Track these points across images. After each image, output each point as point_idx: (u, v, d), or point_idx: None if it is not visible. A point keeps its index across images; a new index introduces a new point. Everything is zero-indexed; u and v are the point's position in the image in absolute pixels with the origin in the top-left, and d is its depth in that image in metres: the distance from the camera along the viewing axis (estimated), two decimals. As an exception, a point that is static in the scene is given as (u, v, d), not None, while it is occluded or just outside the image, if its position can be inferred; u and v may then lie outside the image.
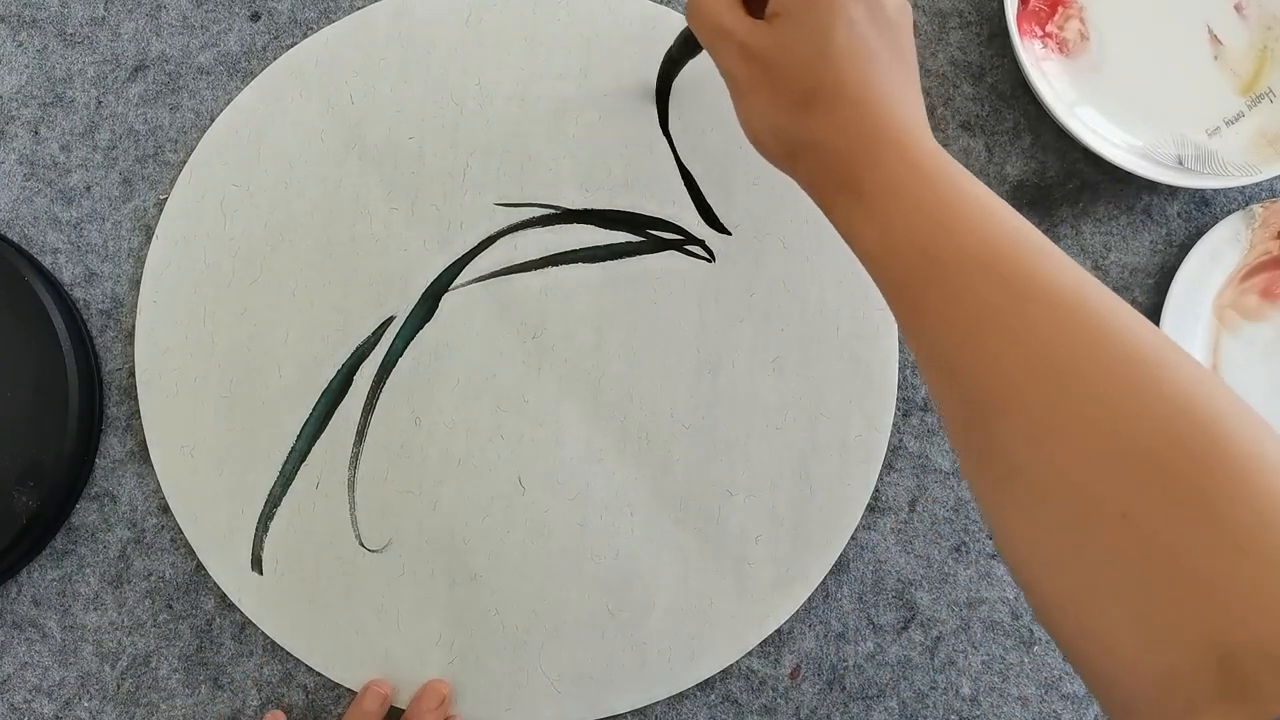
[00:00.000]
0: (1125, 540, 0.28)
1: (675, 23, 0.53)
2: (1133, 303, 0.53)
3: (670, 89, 0.52)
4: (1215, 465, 0.28)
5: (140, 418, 0.51)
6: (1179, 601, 0.27)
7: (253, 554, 0.50)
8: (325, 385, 0.51)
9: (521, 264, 0.52)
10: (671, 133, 0.52)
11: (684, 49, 0.47)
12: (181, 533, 0.51)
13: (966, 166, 0.42)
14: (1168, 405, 0.29)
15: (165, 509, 0.51)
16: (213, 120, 0.53)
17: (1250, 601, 0.26)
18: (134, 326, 0.51)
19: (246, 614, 0.50)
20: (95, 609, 0.51)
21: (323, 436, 0.51)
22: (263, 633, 0.51)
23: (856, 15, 0.37)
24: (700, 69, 0.53)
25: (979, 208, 0.35)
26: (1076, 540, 0.30)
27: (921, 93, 0.39)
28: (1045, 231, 0.53)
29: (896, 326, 0.52)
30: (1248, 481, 0.27)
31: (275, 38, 0.53)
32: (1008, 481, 0.32)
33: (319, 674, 0.51)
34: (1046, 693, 0.52)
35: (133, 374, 0.51)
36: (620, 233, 0.52)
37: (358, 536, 0.51)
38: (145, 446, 0.51)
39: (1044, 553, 0.31)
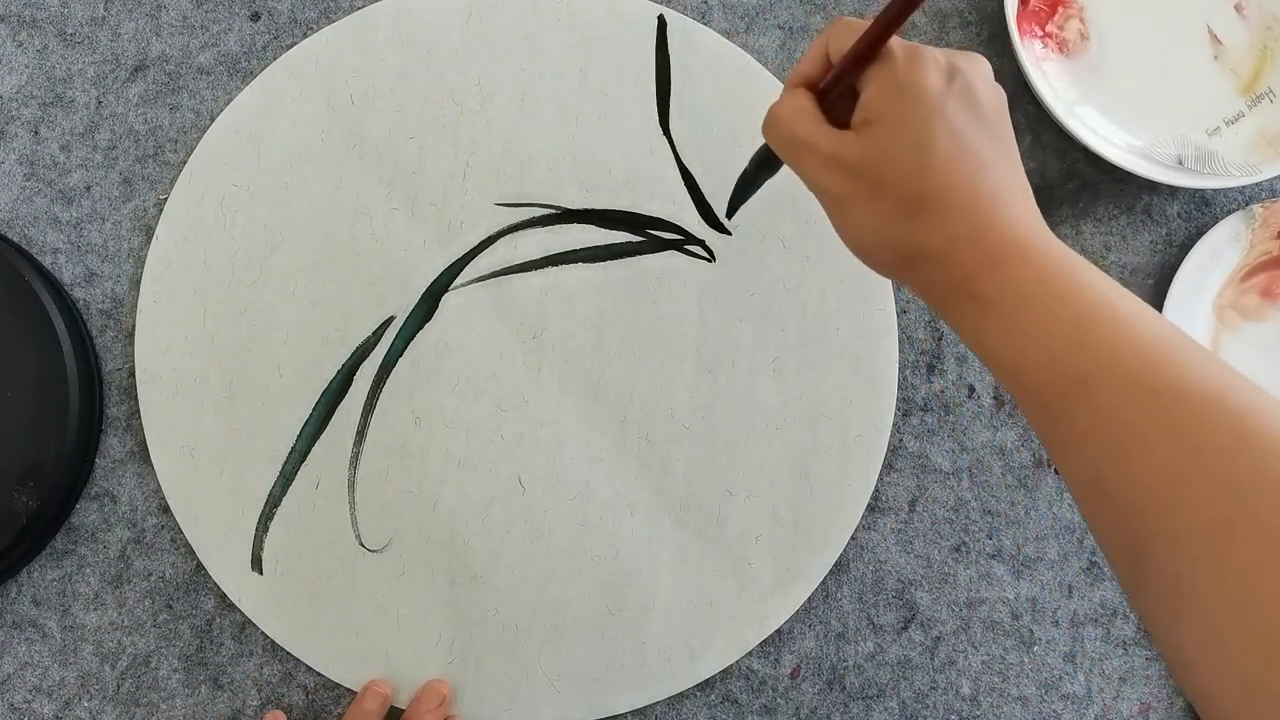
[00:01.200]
0: None
1: (676, 23, 0.53)
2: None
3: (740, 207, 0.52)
4: None
5: (140, 418, 0.51)
6: None
7: (253, 554, 0.50)
8: (325, 385, 0.51)
9: (522, 264, 0.52)
10: (672, 133, 0.52)
11: (761, 167, 0.45)
12: (181, 533, 0.51)
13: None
14: None
15: (165, 509, 0.51)
16: (213, 120, 0.53)
17: None
18: (134, 326, 0.51)
19: (246, 614, 0.50)
20: (95, 609, 0.51)
21: (323, 436, 0.51)
22: (263, 633, 0.51)
23: (954, 116, 0.35)
24: (704, 67, 0.53)
25: (1112, 313, 0.33)
26: (1258, 670, 0.28)
27: (1026, 179, 0.37)
28: (1045, 231, 0.53)
29: (896, 327, 0.52)
30: None
31: (275, 38, 0.53)
32: (1176, 607, 0.30)
33: (319, 674, 0.51)
34: (1046, 693, 0.52)
35: (133, 374, 0.51)
36: (620, 233, 0.52)
37: (358, 536, 0.51)
38: (145, 446, 0.51)
39: (1222, 680, 0.29)
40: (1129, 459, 0.31)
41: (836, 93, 0.38)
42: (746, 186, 0.47)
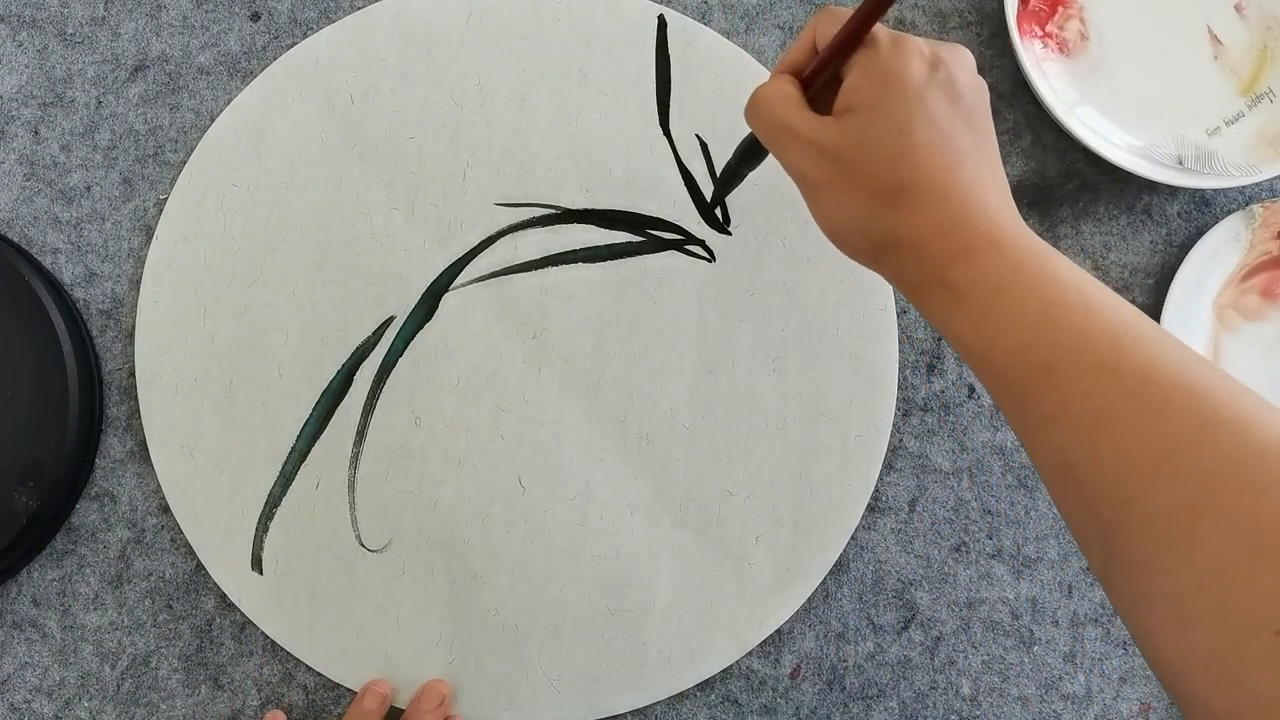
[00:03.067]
0: (1278, 659, 0.27)
1: (675, 23, 0.53)
2: (1132, 302, 0.53)
3: (725, 199, 0.52)
4: None
5: (140, 418, 0.51)
6: None
7: (253, 554, 0.50)
8: (325, 385, 0.51)
9: (522, 264, 0.52)
10: (672, 133, 0.52)
11: (745, 159, 0.45)
12: (181, 533, 0.51)
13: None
14: None
15: (165, 509, 0.51)
16: (213, 120, 0.53)
17: None
18: (134, 326, 0.51)
19: (246, 614, 0.50)
20: (95, 609, 0.51)
21: (323, 436, 0.51)
22: (263, 633, 0.51)
23: (934, 106, 0.35)
24: (704, 67, 0.53)
25: (1082, 300, 0.33)
26: (1225, 654, 0.28)
27: (1003, 171, 0.38)
28: (1045, 232, 0.53)
29: (896, 327, 0.52)
30: None
31: (275, 38, 0.53)
32: (1146, 590, 0.30)
33: (319, 674, 0.51)
34: (1046, 693, 0.52)
35: (133, 374, 0.51)
36: (620, 233, 0.52)
37: (358, 536, 0.51)
38: (145, 446, 0.51)
39: (1189, 663, 0.29)
40: (1097, 444, 0.31)
41: (822, 80, 0.38)
42: (730, 178, 0.47)
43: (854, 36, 0.36)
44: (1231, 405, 0.30)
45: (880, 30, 0.36)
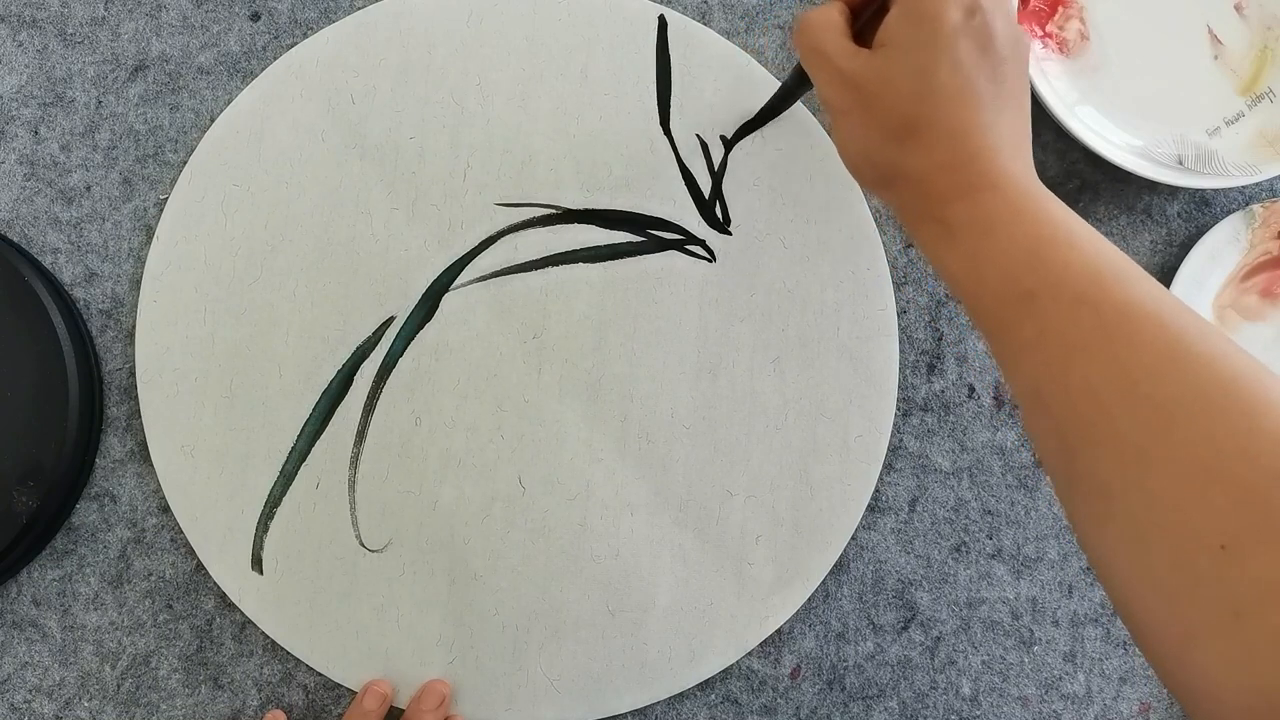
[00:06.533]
0: (1223, 572, 0.28)
1: (676, 23, 0.53)
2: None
3: (771, 118, 0.52)
4: None
5: (140, 418, 0.51)
6: (1275, 638, 0.27)
7: (253, 554, 0.50)
8: (325, 385, 0.51)
9: (522, 264, 0.52)
10: (672, 132, 0.52)
11: (800, 80, 0.46)
12: (181, 533, 0.51)
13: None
14: (1268, 440, 0.29)
15: (165, 509, 0.51)
16: (213, 120, 0.53)
17: None
18: (134, 326, 0.51)
19: (246, 614, 0.50)
20: (95, 609, 0.51)
21: (323, 436, 0.51)
22: (263, 633, 0.51)
23: (963, 52, 0.36)
24: (705, 67, 0.53)
25: (1069, 238, 0.35)
26: (1174, 569, 0.29)
27: (1030, 128, 0.38)
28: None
29: (896, 327, 0.52)
30: None
31: (275, 38, 0.53)
32: (1104, 511, 0.32)
33: (319, 674, 0.51)
34: (1046, 693, 0.52)
35: (133, 374, 0.51)
36: (621, 233, 0.52)
37: (358, 536, 0.51)
38: (145, 446, 0.51)
39: (1141, 581, 0.31)
40: (1068, 371, 0.33)
41: (870, 11, 0.39)
42: (782, 100, 0.48)
43: None
44: (1201, 341, 0.31)
45: None
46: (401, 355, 0.51)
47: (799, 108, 0.52)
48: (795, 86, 0.47)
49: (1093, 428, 0.32)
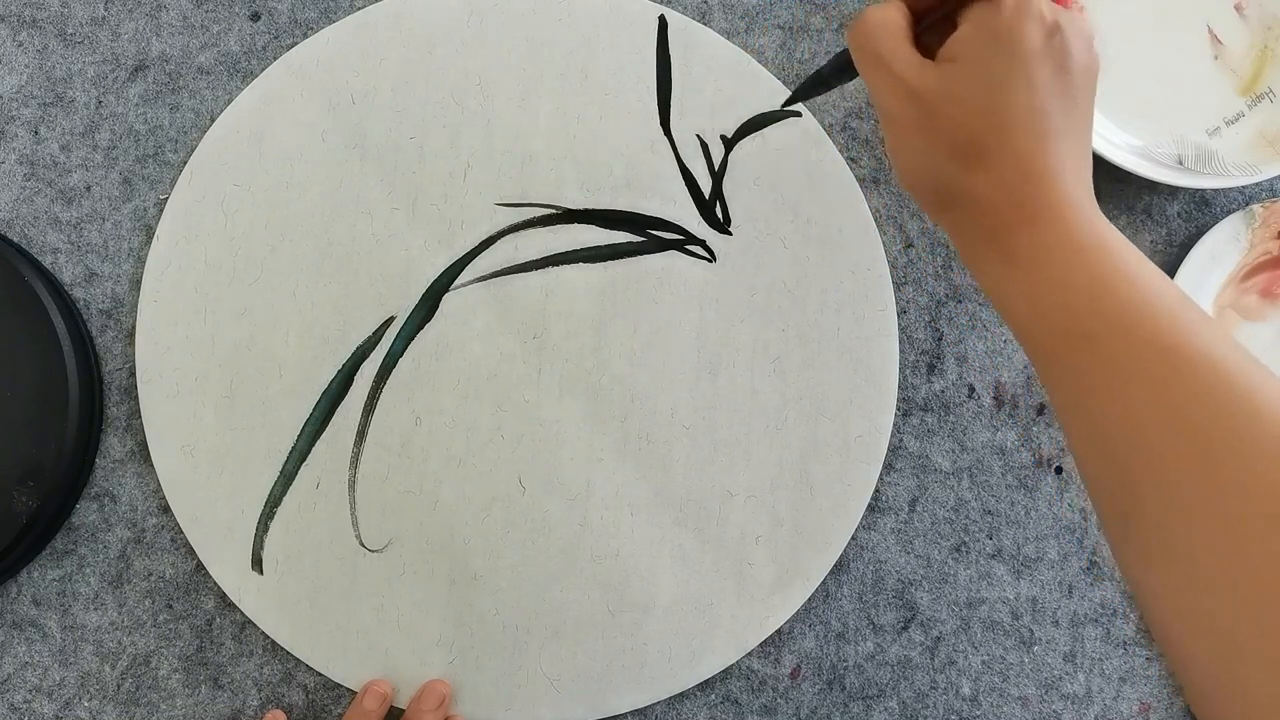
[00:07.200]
0: (1277, 619, 0.28)
1: (676, 23, 0.53)
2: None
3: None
4: None
5: (140, 418, 0.51)
6: None
7: (253, 554, 0.50)
8: (325, 385, 0.51)
9: (522, 264, 0.52)
10: (672, 132, 0.52)
11: (838, 73, 0.43)
12: (181, 533, 0.51)
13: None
14: None
15: (165, 509, 0.51)
16: (213, 120, 0.53)
17: None
18: (134, 326, 0.51)
19: (246, 614, 0.50)
20: (95, 609, 0.51)
21: (323, 436, 0.51)
22: (263, 633, 0.51)
23: (1040, 75, 0.34)
24: (705, 67, 0.53)
25: (1131, 277, 0.34)
26: (1226, 613, 0.29)
27: (1090, 149, 0.37)
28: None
29: (896, 327, 0.52)
30: None
31: (275, 38, 0.53)
32: (1154, 552, 0.31)
33: (319, 674, 0.51)
34: (1046, 693, 0.52)
35: (133, 374, 0.51)
36: (621, 233, 0.52)
37: (358, 536, 0.51)
38: (145, 446, 0.51)
39: (1191, 625, 0.30)
40: (1121, 409, 0.32)
41: (935, 16, 0.37)
42: (815, 85, 0.45)
43: None
44: (1260, 385, 0.31)
45: None
46: (402, 355, 0.51)
47: (799, 108, 0.52)
48: (830, 77, 0.44)
49: (1146, 468, 0.31)
